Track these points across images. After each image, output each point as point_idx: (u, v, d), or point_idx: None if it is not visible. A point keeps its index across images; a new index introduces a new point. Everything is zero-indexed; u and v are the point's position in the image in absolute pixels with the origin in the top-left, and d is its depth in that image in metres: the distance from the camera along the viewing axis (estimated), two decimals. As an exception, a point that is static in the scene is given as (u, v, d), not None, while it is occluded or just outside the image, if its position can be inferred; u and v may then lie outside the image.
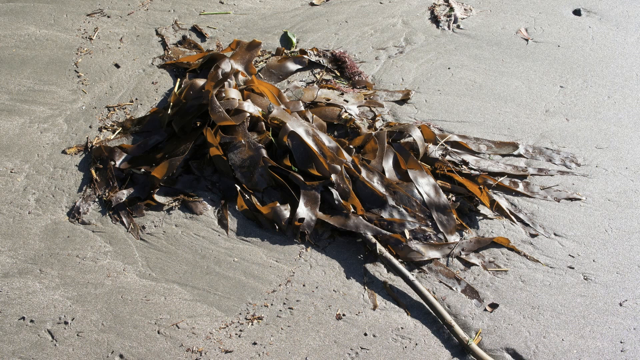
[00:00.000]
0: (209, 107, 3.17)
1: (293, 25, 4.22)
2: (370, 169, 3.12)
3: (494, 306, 2.68)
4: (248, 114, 3.19)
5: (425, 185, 3.07)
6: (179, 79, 3.71)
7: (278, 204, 2.95)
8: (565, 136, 3.47)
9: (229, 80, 3.41)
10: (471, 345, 2.50)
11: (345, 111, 3.43)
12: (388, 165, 3.17)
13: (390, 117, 3.56)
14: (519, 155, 3.34)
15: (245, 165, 3.08)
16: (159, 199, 3.04)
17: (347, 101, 3.56)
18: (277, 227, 2.94)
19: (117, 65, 3.82)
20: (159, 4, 4.34)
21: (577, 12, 4.45)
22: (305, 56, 3.90)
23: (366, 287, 2.75)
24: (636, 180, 3.24)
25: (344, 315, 2.64)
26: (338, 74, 3.85)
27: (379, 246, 2.83)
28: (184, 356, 2.46)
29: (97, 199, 3.05)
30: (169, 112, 3.32)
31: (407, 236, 2.90)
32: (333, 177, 3.01)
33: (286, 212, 2.94)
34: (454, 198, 3.09)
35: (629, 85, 3.84)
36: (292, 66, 3.85)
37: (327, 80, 3.80)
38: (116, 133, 3.37)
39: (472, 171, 3.20)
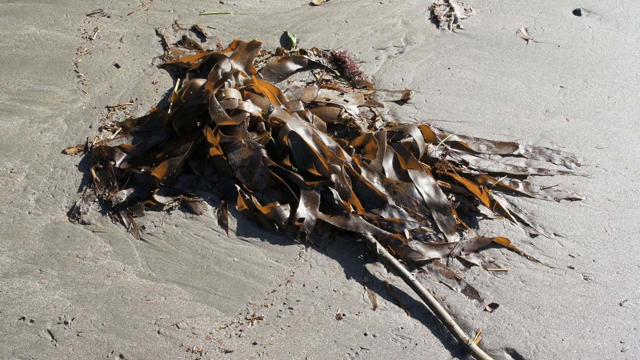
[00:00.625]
0: (209, 107, 3.17)
1: (293, 25, 4.22)
2: (370, 169, 3.12)
3: (494, 306, 2.68)
4: (248, 114, 3.19)
5: (425, 185, 3.07)
6: (179, 79, 3.71)
7: (278, 204, 2.95)
8: (565, 136, 3.47)
9: (229, 80, 3.41)
10: (471, 345, 2.50)
11: (345, 111, 3.43)
12: (388, 165, 3.17)
13: (390, 117, 3.56)
14: (519, 155, 3.34)
15: (245, 165, 3.08)
16: (159, 199, 3.04)
17: (347, 101, 3.56)
18: (277, 227, 2.94)
19: (117, 65, 3.82)
20: (159, 4, 4.34)
21: (577, 12, 4.45)
22: (305, 56, 3.90)
23: (366, 287, 2.75)
24: (636, 180, 3.24)
25: (344, 315, 2.64)
26: (338, 74, 3.85)
27: (379, 246, 2.83)
28: (184, 356, 2.46)
29: (97, 199, 3.05)
30: (169, 112, 3.32)
31: (407, 236, 2.90)
32: (333, 177, 3.01)
33: (286, 212, 2.94)
34: (454, 198, 3.09)
35: (629, 85, 3.84)
36: (292, 66, 3.85)
37: (327, 80, 3.80)
38: (116, 133, 3.37)
39: (472, 171, 3.20)
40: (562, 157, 3.34)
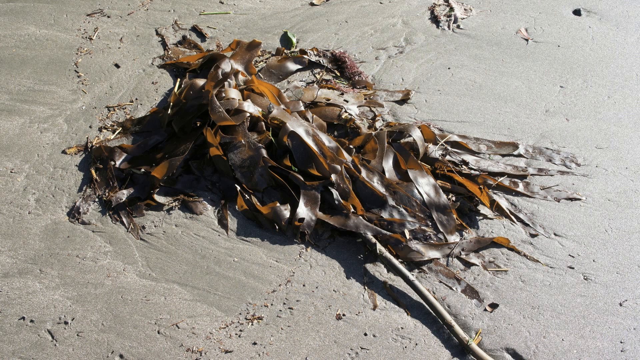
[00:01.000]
0: (209, 107, 3.17)
1: (293, 25, 4.22)
2: (370, 169, 3.12)
3: (494, 306, 2.68)
4: (248, 114, 3.19)
5: (425, 185, 3.07)
6: (179, 79, 3.71)
7: (278, 204, 2.95)
8: (565, 136, 3.47)
9: (229, 80, 3.41)
10: (471, 345, 2.50)
11: (345, 111, 3.43)
12: (388, 165, 3.17)
13: (390, 117, 3.56)
14: (519, 155, 3.34)
15: (245, 165, 3.08)
16: (159, 199, 3.04)
17: (347, 101, 3.56)
18: (277, 227, 2.94)
19: (117, 65, 3.82)
20: (159, 4, 4.34)
21: (577, 12, 4.45)
22: (305, 56, 3.90)
23: (366, 287, 2.75)
24: (636, 180, 3.24)
25: (344, 315, 2.64)
26: (338, 74, 3.85)
27: (379, 246, 2.83)
28: (184, 356, 2.46)
29: (97, 199, 3.05)
30: (169, 112, 3.32)
31: (407, 236, 2.90)
32: (333, 177, 3.01)
33: (286, 212, 2.94)
34: (454, 198, 3.09)
35: (629, 85, 3.84)
36: (292, 66, 3.85)
37: (327, 80, 3.80)
38: (116, 133, 3.37)
39: (472, 171, 3.20)
40: (562, 157, 3.34)
